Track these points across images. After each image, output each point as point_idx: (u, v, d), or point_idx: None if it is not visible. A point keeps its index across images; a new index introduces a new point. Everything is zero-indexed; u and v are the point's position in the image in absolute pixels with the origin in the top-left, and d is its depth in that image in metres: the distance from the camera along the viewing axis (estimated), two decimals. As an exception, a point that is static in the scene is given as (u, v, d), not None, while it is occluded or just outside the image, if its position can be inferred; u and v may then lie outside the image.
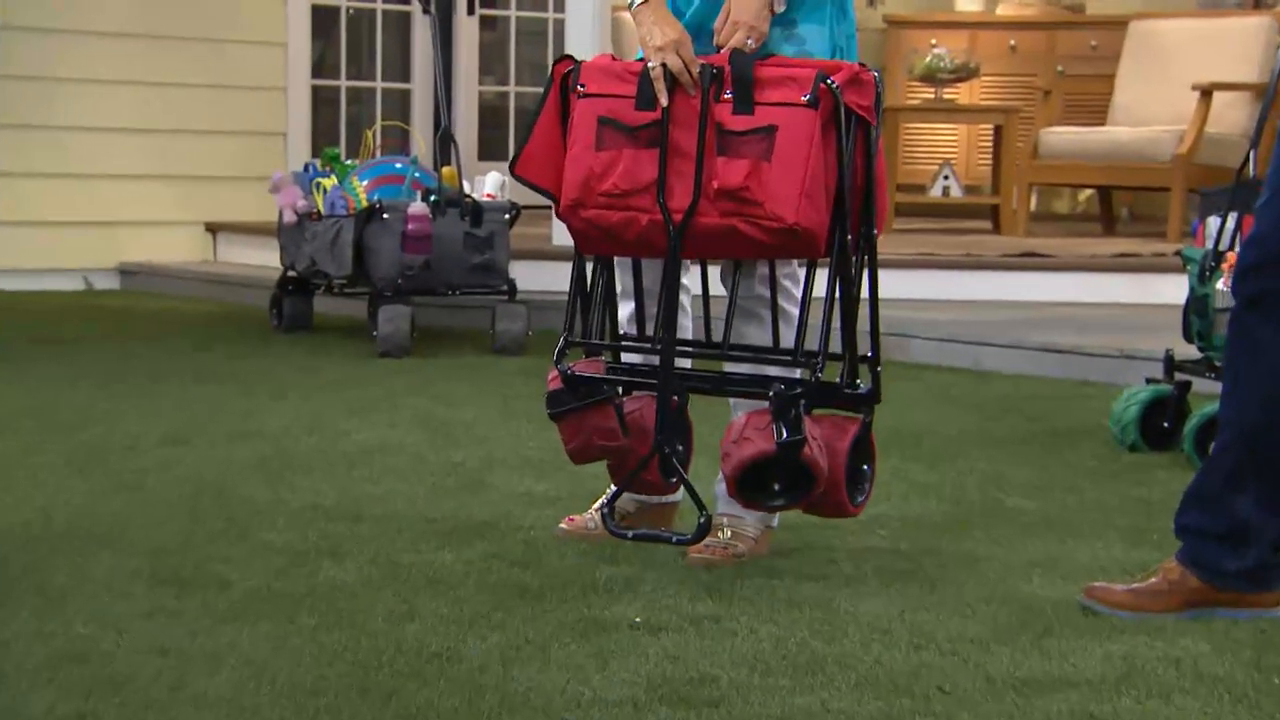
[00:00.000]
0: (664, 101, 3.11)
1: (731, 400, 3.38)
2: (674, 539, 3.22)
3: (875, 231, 3.17)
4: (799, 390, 3.10)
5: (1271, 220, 2.84)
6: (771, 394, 3.08)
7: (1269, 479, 2.87)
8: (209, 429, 4.56)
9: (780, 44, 3.21)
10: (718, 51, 3.15)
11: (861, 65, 3.11)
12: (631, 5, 3.23)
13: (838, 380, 3.18)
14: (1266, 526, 2.89)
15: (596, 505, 3.47)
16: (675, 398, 3.22)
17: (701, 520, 3.16)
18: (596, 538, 3.40)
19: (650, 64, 3.13)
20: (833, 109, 3.05)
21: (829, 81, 3.04)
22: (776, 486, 3.12)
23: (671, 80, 3.11)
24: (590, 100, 3.16)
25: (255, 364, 5.83)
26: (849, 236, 3.11)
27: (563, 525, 3.46)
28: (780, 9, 3.17)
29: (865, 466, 3.19)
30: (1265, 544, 2.90)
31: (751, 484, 3.12)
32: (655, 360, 3.27)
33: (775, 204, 3.03)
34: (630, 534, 3.24)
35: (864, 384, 3.20)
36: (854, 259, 3.13)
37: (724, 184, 3.06)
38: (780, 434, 3.06)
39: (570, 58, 3.26)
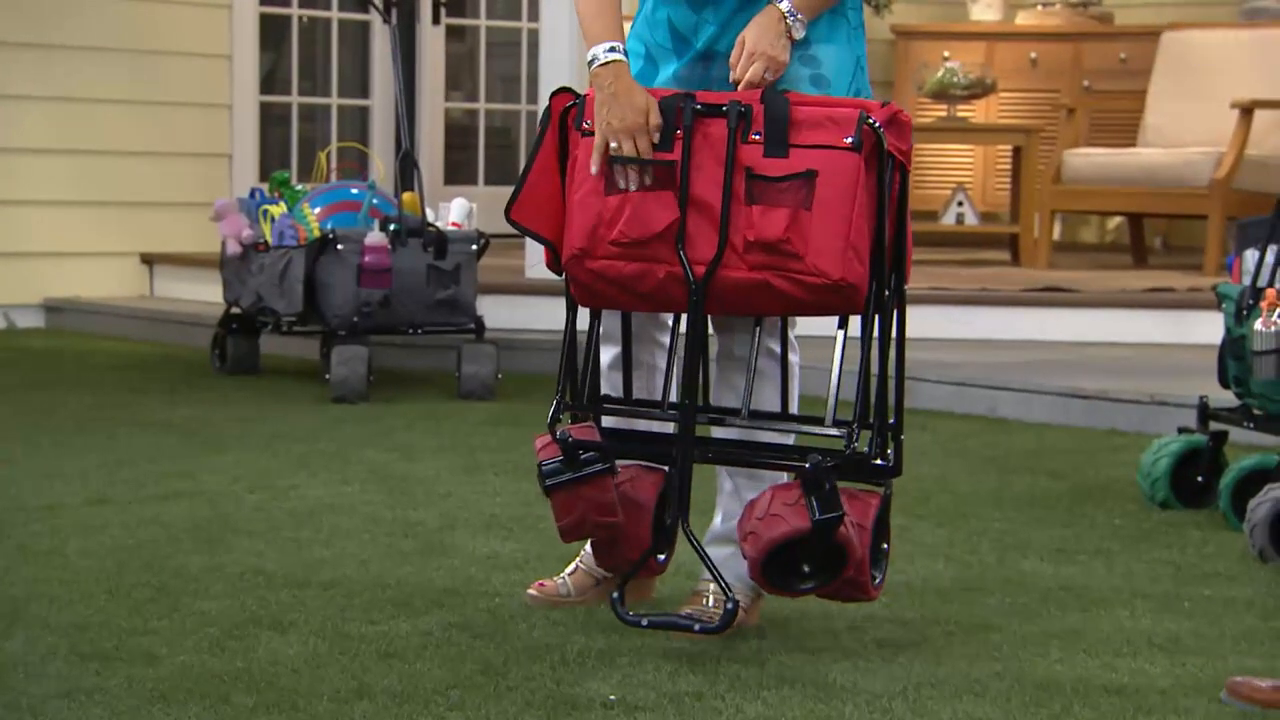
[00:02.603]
0: (630, 187, 3.12)
1: (723, 470, 3.38)
2: (697, 628, 3.15)
3: (905, 284, 3.19)
4: (835, 463, 3.08)
5: None
6: (807, 466, 3.08)
7: None
8: (139, 487, 4.55)
9: (795, 66, 3.23)
10: (734, 87, 3.17)
11: (887, 104, 3.12)
12: (591, 64, 3.19)
13: (866, 450, 3.18)
14: None
15: (569, 570, 3.47)
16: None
17: (729, 606, 3.11)
18: (569, 605, 3.40)
19: (611, 144, 3.12)
20: (872, 152, 3.06)
21: (872, 122, 3.05)
22: (807, 568, 3.12)
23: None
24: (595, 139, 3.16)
25: (194, 412, 5.82)
26: (885, 291, 3.12)
27: (532, 591, 3.45)
28: (799, 36, 3.20)
29: (885, 545, 3.20)
30: None
31: (779, 566, 3.11)
32: (656, 425, 3.29)
33: (818, 257, 3.02)
34: (645, 621, 3.16)
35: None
36: (890, 314, 3.14)
37: (761, 235, 3.04)
38: (814, 511, 3.05)
39: (570, 90, 3.24)
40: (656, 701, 2.86)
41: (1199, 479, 4.42)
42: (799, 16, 3.18)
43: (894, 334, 3.17)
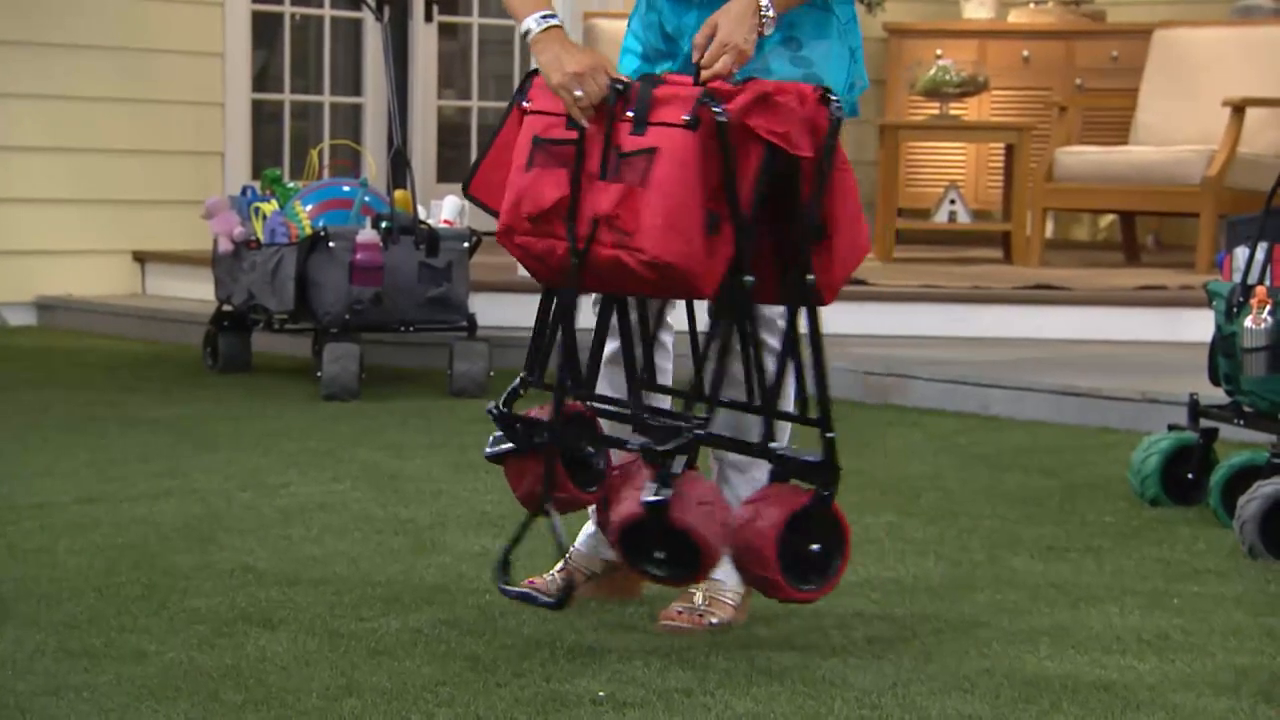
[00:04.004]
0: (585, 123, 3.09)
1: (713, 462, 3.38)
2: (542, 600, 3.21)
3: (826, 277, 3.11)
4: (675, 445, 3.05)
5: None
6: (639, 446, 3.09)
7: None
8: (130, 485, 4.55)
9: (787, 67, 3.24)
10: (698, 70, 3.16)
11: (823, 90, 3.06)
12: (528, 35, 3.20)
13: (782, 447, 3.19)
14: None
15: (558, 567, 3.47)
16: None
17: (560, 574, 3.27)
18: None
19: (576, 93, 3.09)
20: (724, 132, 3.00)
21: (708, 101, 3.02)
22: (660, 555, 3.09)
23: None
24: (533, 117, 3.17)
25: (185, 410, 5.82)
26: (747, 277, 3.05)
27: (522, 586, 3.45)
28: (769, 32, 3.18)
29: (818, 548, 3.12)
30: None
31: (636, 548, 3.11)
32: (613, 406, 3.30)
33: (643, 235, 3.01)
34: (511, 590, 3.23)
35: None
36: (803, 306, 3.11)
37: (595, 210, 3.06)
38: (650, 492, 3.03)
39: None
40: (646, 698, 2.87)
41: (1189, 476, 4.42)
42: (771, 14, 3.16)
43: (816, 328, 3.13)
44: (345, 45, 9.46)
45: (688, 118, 3.01)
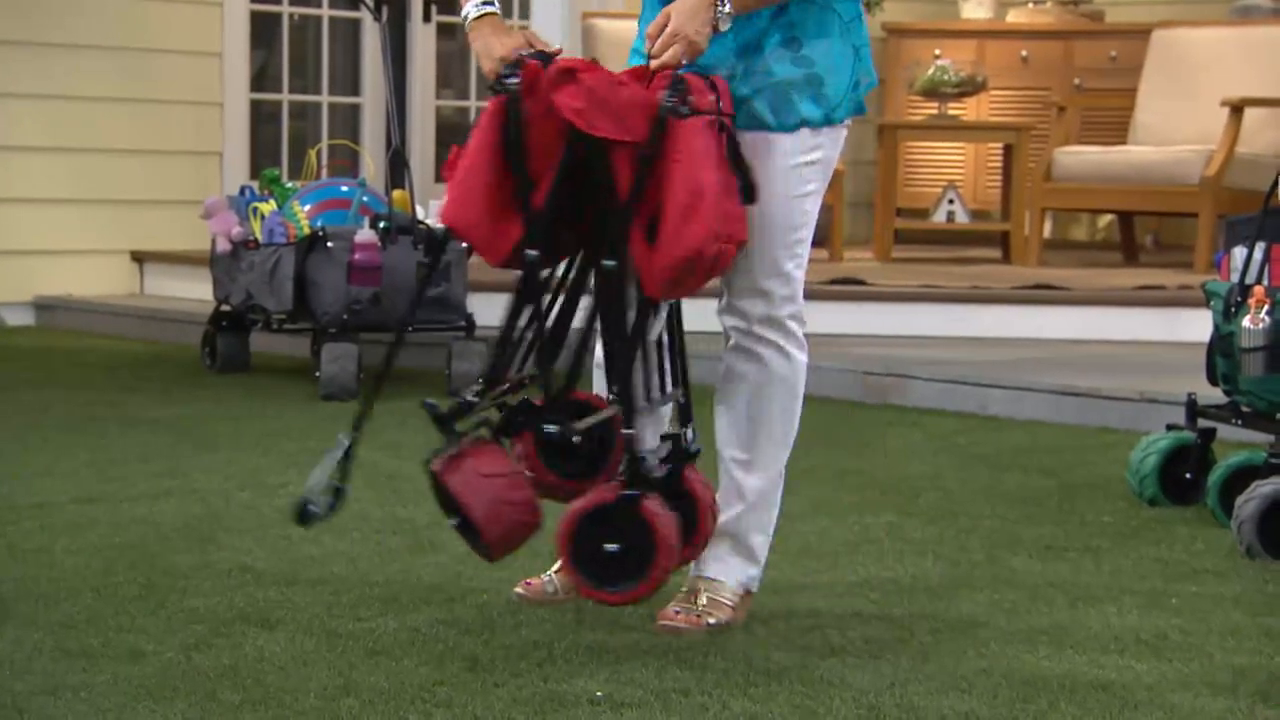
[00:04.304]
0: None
1: (721, 466, 3.39)
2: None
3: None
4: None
5: None
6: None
7: None
8: (129, 485, 4.55)
9: (788, 68, 3.24)
10: (647, 62, 3.18)
11: (591, 61, 3.08)
12: (466, 21, 3.27)
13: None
14: None
15: (555, 567, 3.47)
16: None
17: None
18: (556, 602, 3.40)
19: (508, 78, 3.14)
20: (511, 104, 3.04)
21: (504, 76, 3.05)
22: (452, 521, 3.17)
23: None
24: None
25: (184, 410, 5.82)
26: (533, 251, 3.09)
27: (518, 589, 3.46)
28: (725, 27, 3.17)
29: (615, 548, 3.06)
30: None
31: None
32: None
33: (445, 201, 3.15)
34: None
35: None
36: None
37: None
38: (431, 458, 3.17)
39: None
40: (643, 698, 2.86)
41: (1187, 476, 4.42)
42: (726, 8, 3.15)
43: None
44: (344, 45, 9.46)
45: (492, 84, 3.08)
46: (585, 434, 3.16)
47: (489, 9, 3.25)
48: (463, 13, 3.28)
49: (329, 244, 6.12)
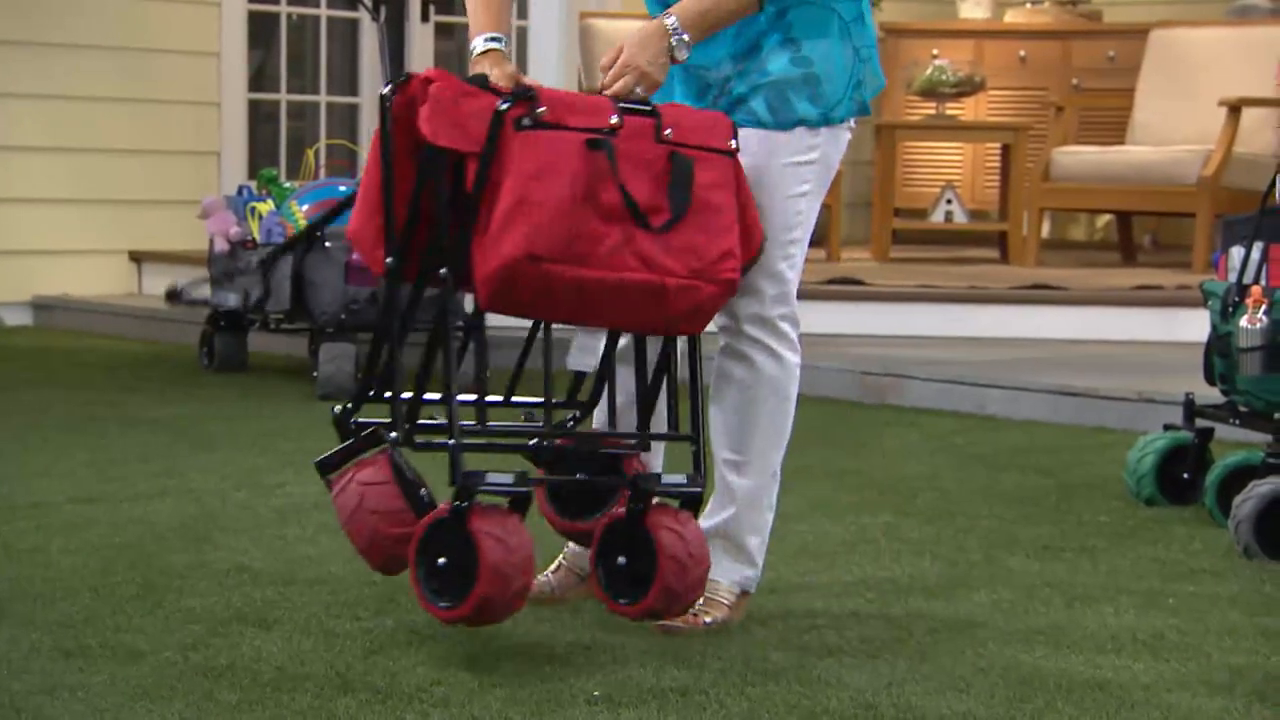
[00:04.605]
0: None
1: (715, 468, 3.40)
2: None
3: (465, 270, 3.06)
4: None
5: None
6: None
7: None
8: (127, 485, 4.55)
9: (787, 67, 3.25)
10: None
11: (469, 81, 3.03)
12: (472, 54, 3.26)
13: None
14: None
15: (553, 567, 3.47)
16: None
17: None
18: (553, 602, 3.40)
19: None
20: (382, 117, 3.05)
21: (383, 94, 3.06)
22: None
23: None
24: None
25: (182, 409, 5.82)
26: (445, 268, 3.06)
27: None
28: (682, 58, 3.14)
29: (443, 561, 2.98)
30: None
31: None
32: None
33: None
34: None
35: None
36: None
37: None
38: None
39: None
40: (641, 698, 2.86)
41: (1185, 476, 4.42)
42: (684, 36, 3.12)
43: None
44: (342, 45, 9.45)
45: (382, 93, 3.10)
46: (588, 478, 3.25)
47: (494, 45, 3.22)
48: (470, 45, 3.26)
49: (327, 244, 6.11)
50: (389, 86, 3.06)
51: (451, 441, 3.00)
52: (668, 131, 3.05)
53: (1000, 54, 9.68)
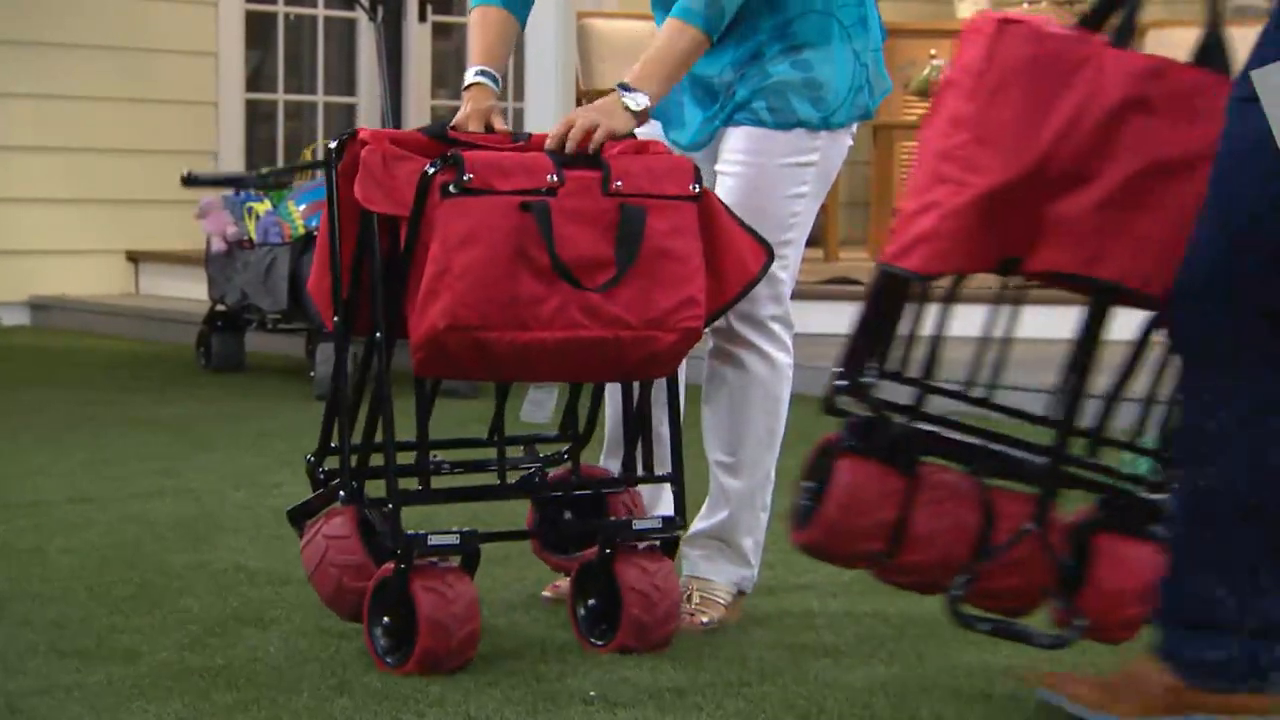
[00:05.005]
0: None
1: (710, 470, 3.41)
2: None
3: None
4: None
5: None
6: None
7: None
8: (124, 484, 4.55)
9: (788, 70, 3.26)
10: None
11: (450, 153, 3.00)
12: (467, 87, 3.31)
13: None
14: (1250, 609, 2.66)
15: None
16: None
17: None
18: None
19: None
20: (328, 177, 3.09)
21: (329, 149, 3.10)
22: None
23: None
24: None
25: (180, 409, 5.82)
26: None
27: (546, 594, 3.48)
28: (639, 105, 3.08)
29: (387, 621, 2.99)
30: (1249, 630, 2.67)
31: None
32: None
33: None
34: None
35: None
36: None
37: None
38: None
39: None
40: (637, 698, 2.86)
41: (1182, 475, 4.41)
42: (637, 94, 3.09)
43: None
44: (339, 45, 9.46)
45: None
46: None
47: (481, 80, 3.28)
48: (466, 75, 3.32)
49: (324, 244, 6.11)
50: (334, 143, 3.07)
51: (389, 507, 2.99)
52: (617, 183, 3.01)
53: (997, 54, 9.66)
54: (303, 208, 6.33)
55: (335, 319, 3.10)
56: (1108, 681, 2.74)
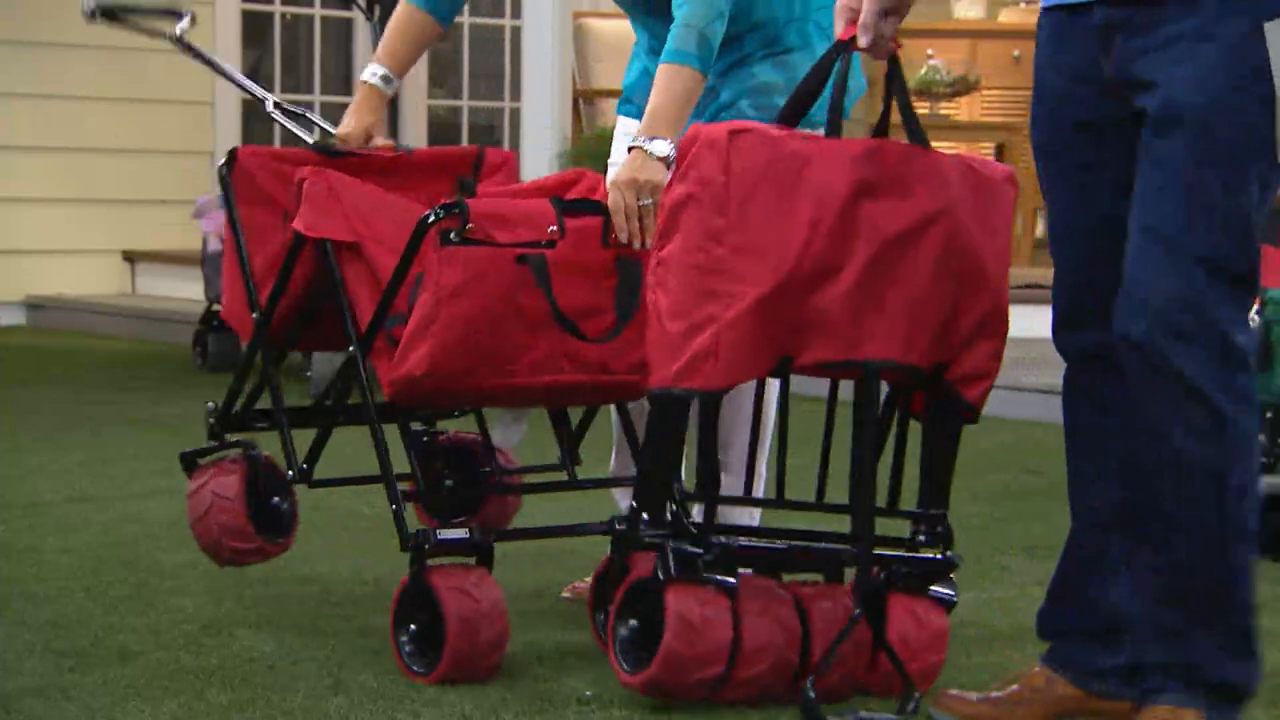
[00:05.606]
0: None
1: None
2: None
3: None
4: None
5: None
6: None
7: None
8: (120, 484, 4.55)
9: (770, 73, 3.28)
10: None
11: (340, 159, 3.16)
12: (362, 82, 3.40)
13: None
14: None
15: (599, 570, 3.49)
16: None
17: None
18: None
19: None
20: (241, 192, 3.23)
21: (220, 169, 3.23)
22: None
23: None
24: None
25: (176, 409, 5.82)
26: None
27: (565, 594, 3.50)
28: (662, 151, 3.05)
29: (413, 628, 3.00)
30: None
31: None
32: None
33: None
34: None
35: None
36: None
37: None
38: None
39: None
40: (633, 698, 2.86)
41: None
42: (652, 140, 3.05)
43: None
44: (335, 45, 9.46)
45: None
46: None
47: (373, 82, 3.36)
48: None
49: (320, 243, 6.11)
50: (222, 164, 3.22)
51: (394, 507, 3.01)
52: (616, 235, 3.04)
53: (994, 54, 9.67)
54: (299, 207, 6.34)
55: (254, 315, 3.19)
56: (1003, 697, 2.77)
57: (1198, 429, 2.52)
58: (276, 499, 3.32)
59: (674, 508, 2.87)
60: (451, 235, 2.92)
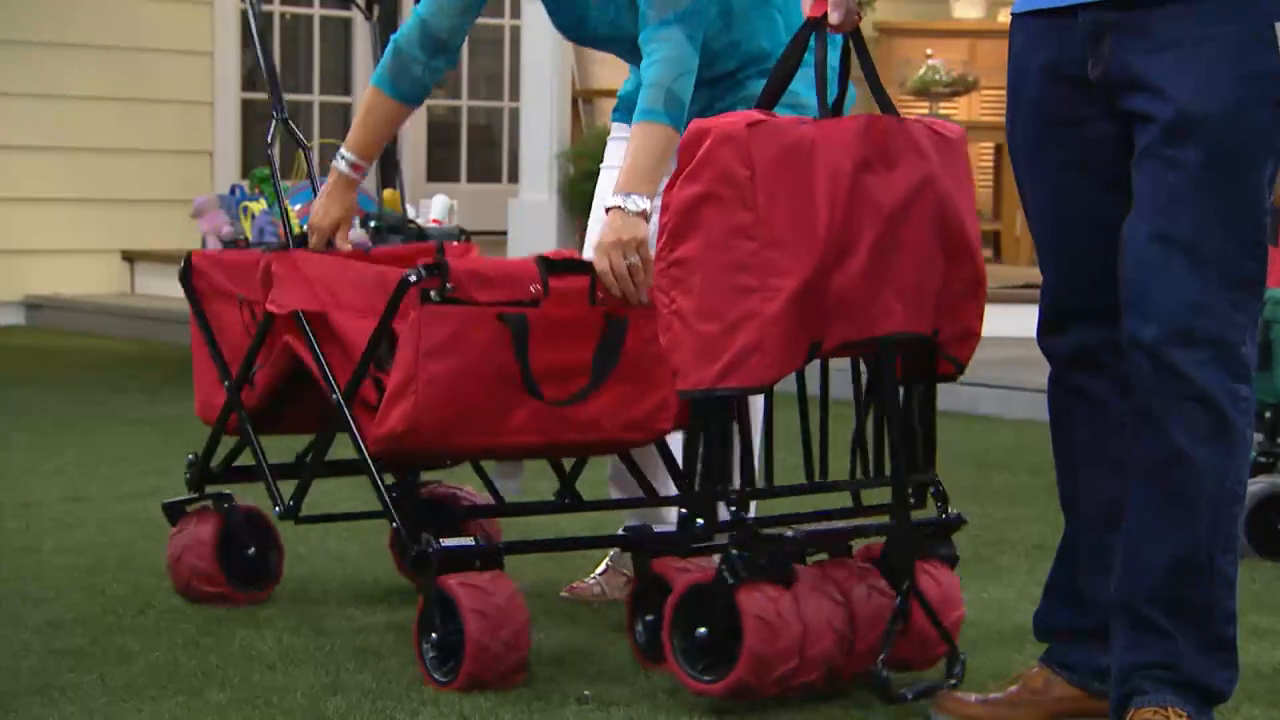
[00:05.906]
0: None
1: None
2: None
3: None
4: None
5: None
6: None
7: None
8: (117, 484, 4.55)
9: (760, 83, 3.26)
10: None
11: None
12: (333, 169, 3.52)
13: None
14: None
15: (600, 570, 3.52)
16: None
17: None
18: (604, 602, 3.44)
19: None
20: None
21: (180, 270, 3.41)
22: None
23: None
24: None
25: (175, 409, 5.81)
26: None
27: (564, 594, 3.49)
28: (639, 207, 3.04)
29: (435, 637, 2.94)
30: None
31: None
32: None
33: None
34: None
35: None
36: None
37: None
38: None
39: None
40: (631, 697, 2.87)
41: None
42: (630, 197, 3.04)
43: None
44: (334, 44, 9.46)
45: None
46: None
47: (344, 170, 3.46)
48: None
49: (319, 243, 6.11)
50: (182, 265, 3.39)
51: (395, 524, 3.01)
52: (603, 293, 3.03)
53: (994, 53, 9.68)
54: (298, 208, 6.31)
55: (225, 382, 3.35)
56: (1002, 698, 2.77)
57: (1200, 432, 2.52)
58: (253, 550, 3.41)
59: (731, 509, 2.85)
60: (432, 294, 2.92)
